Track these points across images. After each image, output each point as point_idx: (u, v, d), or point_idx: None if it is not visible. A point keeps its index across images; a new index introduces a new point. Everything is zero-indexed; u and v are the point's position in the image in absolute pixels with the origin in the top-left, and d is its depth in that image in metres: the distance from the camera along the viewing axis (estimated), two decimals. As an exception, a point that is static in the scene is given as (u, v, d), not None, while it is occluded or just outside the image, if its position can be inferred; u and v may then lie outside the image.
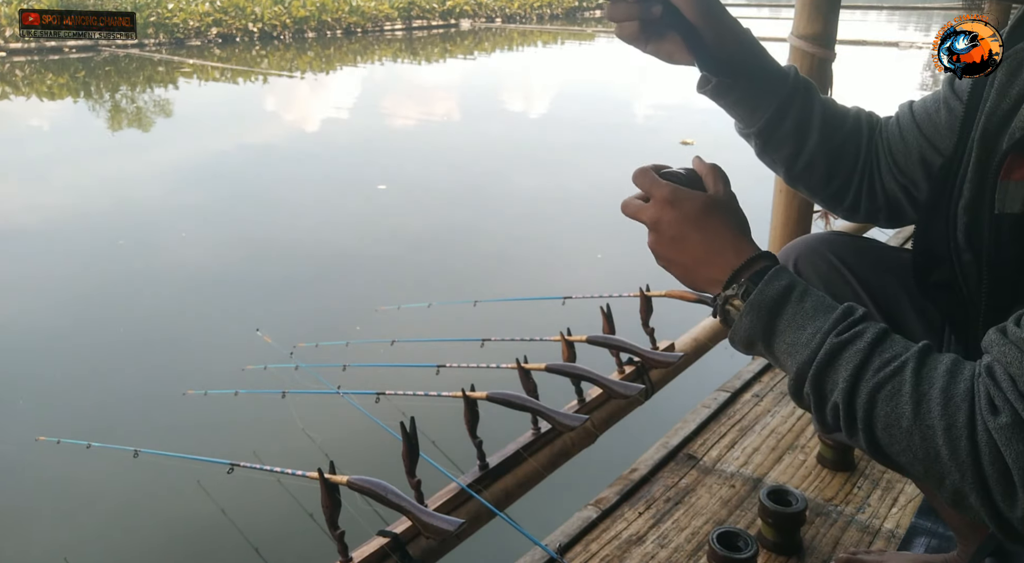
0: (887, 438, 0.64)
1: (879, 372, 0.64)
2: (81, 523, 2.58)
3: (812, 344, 0.68)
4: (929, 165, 0.95)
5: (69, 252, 5.23)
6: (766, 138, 0.97)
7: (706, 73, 0.92)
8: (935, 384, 0.62)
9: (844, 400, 0.66)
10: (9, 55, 14.48)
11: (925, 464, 0.62)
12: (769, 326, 0.70)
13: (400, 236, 5.54)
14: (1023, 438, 0.57)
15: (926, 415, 0.61)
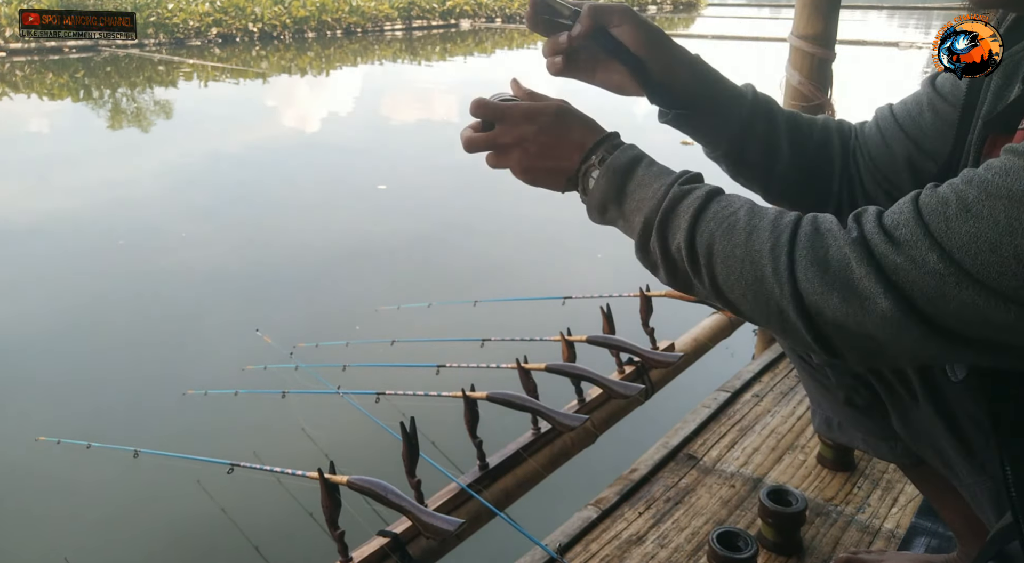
0: (724, 270, 0.68)
1: (718, 213, 0.70)
2: (81, 523, 2.58)
3: (657, 195, 0.73)
4: (916, 168, 0.95)
5: (69, 252, 5.23)
6: (734, 160, 0.97)
7: (656, 105, 0.93)
8: (766, 217, 0.67)
9: (686, 239, 0.70)
10: (9, 55, 14.48)
11: (755, 288, 0.66)
12: (621, 187, 0.76)
13: (400, 236, 5.53)
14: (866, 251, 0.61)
15: (756, 241, 0.66)
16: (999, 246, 0.57)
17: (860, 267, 0.61)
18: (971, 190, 0.59)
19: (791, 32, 2.15)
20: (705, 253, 0.69)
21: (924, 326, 0.60)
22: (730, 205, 0.70)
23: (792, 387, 1.99)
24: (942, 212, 0.60)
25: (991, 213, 0.57)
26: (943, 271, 0.58)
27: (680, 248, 0.71)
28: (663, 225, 0.72)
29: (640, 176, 0.76)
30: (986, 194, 0.58)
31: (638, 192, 0.75)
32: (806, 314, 0.64)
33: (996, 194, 0.57)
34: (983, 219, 0.57)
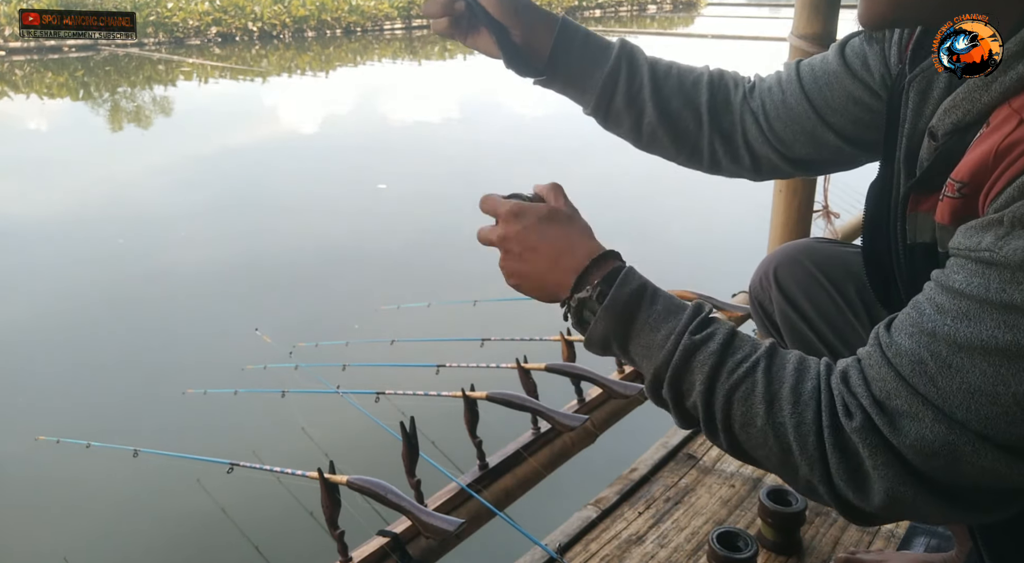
0: (745, 436, 0.66)
1: (733, 373, 0.66)
2: (81, 523, 2.58)
3: (667, 346, 0.69)
4: (817, 138, 0.96)
5: (68, 251, 5.23)
6: (603, 116, 1.00)
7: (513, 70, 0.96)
8: (785, 383, 0.64)
9: (702, 402, 0.67)
10: (9, 54, 14.47)
11: (780, 459, 0.65)
12: (624, 329, 0.71)
13: (400, 236, 5.54)
14: (873, 438, 0.59)
15: (778, 413, 0.64)
16: (997, 396, 0.56)
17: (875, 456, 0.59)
18: (941, 346, 0.58)
19: (791, 32, 2.15)
20: (723, 418, 0.67)
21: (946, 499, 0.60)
22: (745, 361, 0.66)
23: (792, 387, 1.99)
24: (924, 373, 0.59)
25: (974, 366, 0.56)
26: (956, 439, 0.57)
27: (696, 407, 0.68)
28: (675, 381, 0.69)
29: (644, 318, 0.71)
30: (958, 347, 0.57)
31: (643, 337, 0.70)
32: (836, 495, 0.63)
33: (969, 346, 0.56)
34: (968, 373, 0.57)
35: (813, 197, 2.38)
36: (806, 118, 0.95)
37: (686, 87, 0.99)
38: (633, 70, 0.98)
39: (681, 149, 1.02)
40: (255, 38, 17.44)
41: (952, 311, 0.58)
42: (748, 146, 1.00)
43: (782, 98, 0.97)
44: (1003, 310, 0.55)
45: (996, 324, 0.55)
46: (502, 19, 0.92)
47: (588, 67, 0.97)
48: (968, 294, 0.57)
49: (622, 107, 0.98)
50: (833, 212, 2.85)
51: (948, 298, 0.59)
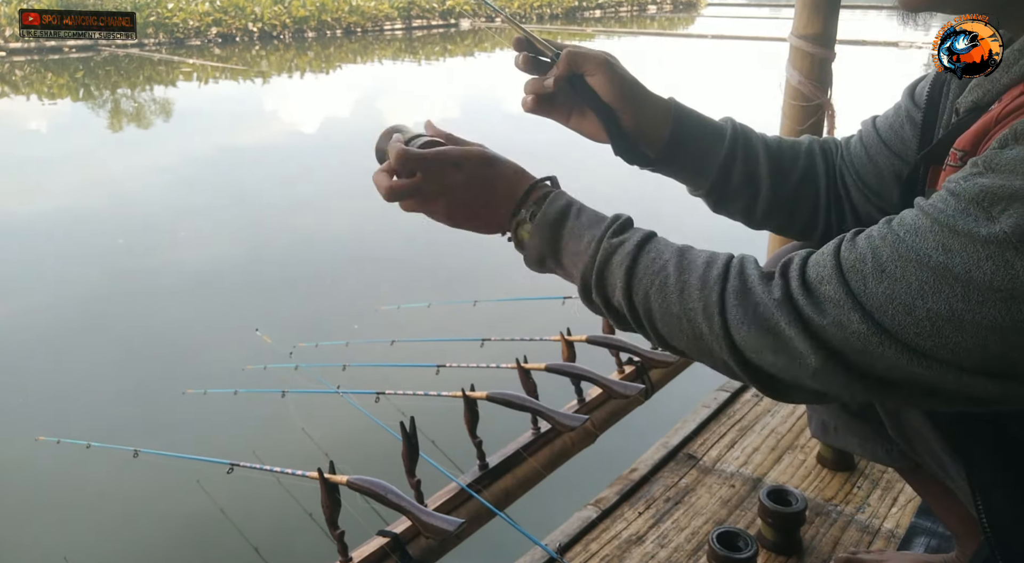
0: (665, 327, 0.71)
1: (648, 268, 0.71)
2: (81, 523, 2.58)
3: (589, 250, 0.74)
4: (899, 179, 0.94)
5: (68, 251, 5.23)
6: (717, 198, 0.98)
7: (621, 158, 0.92)
8: (694, 272, 0.69)
9: (624, 298, 0.72)
10: (9, 55, 14.47)
11: (697, 345, 0.69)
12: (554, 243, 0.77)
13: (400, 236, 5.53)
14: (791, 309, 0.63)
15: (688, 299, 0.68)
16: (913, 308, 0.59)
17: (788, 328, 0.63)
18: (885, 249, 0.61)
19: (791, 32, 2.15)
20: (644, 310, 0.71)
21: (856, 378, 0.63)
22: (659, 257, 0.71)
23: (792, 387, 1.99)
24: (860, 270, 0.61)
25: (903, 275, 0.59)
26: (866, 332, 0.60)
27: (620, 304, 0.73)
28: (600, 282, 0.74)
29: (570, 228, 0.76)
30: (898, 255, 0.60)
31: (570, 245, 0.76)
32: (749, 367, 0.66)
33: (907, 256, 0.60)
34: (897, 280, 0.60)
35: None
36: (890, 164, 0.94)
37: (801, 160, 0.98)
38: (749, 151, 0.96)
39: (795, 222, 1.00)
40: (255, 39, 17.44)
41: (908, 224, 0.61)
42: (853, 208, 0.99)
43: (865, 153, 0.97)
44: (948, 233, 0.58)
45: (936, 244, 0.59)
46: (613, 103, 0.89)
47: (703, 152, 0.95)
48: (925, 212, 0.61)
49: (739, 187, 0.96)
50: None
51: (912, 213, 0.62)
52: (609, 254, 0.73)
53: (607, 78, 0.88)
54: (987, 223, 0.57)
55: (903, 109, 0.94)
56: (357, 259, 5.12)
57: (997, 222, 0.56)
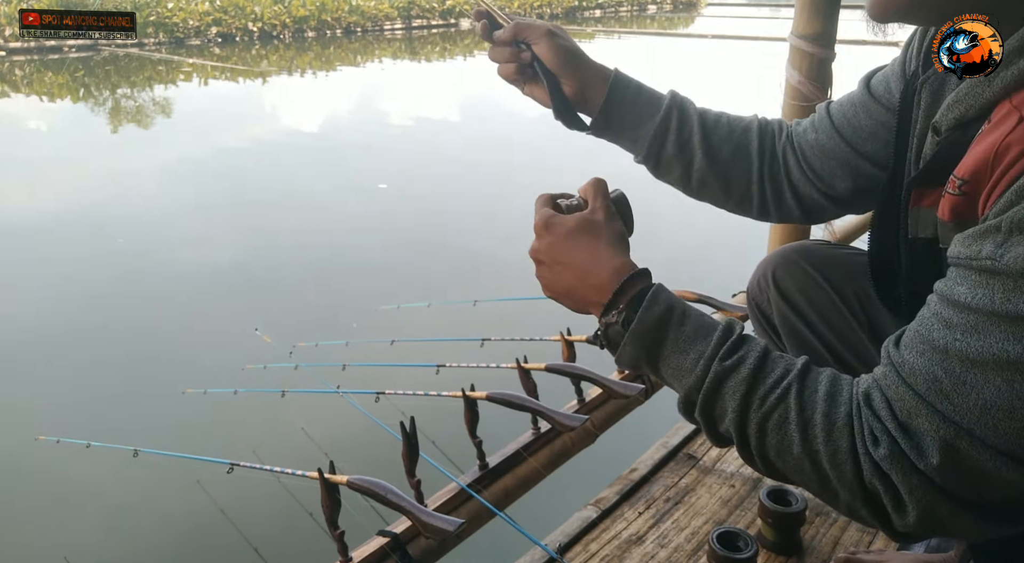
0: (781, 463, 0.66)
1: (765, 400, 0.65)
2: (81, 523, 2.58)
3: (697, 370, 0.68)
4: (852, 168, 0.97)
5: (68, 250, 5.23)
6: (654, 164, 1.02)
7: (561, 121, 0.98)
8: (817, 409, 0.63)
9: (736, 429, 0.67)
10: (9, 54, 14.47)
11: (819, 485, 0.65)
12: (653, 353, 0.70)
13: (400, 235, 5.54)
14: (902, 464, 0.59)
15: (813, 441, 0.63)
16: (1014, 411, 0.55)
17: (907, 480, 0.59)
18: (954, 363, 0.58)
19: (791, 32, 2.15)
20: (757, 445, 0.67)
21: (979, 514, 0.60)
22: (777, 386, 0.65)
23: (792, 387, 1.99)
24: (939, 391, 0.58)
25: (987, 380, 0.56)
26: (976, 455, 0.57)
27: (729, 432, 0.68)
28: (707, 407, 0.69)
29: (672, 340, 0.70)
30: (971, 363, 0.57)
31: (673, 359, 0.70)
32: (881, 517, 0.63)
33: (981, 361, 0.56)
34: (983, 389, 0.56)
35: (813, 197, 2.38)
36: (840, 151, 0.97)
37: (736, 135, 1.02)
38: (683, 119, 0.99)
39: (731, 195, 1.03)
40: (255, 38, 17.44)
41: (960, 325, 0.58)
42: (793, 188, 1.01)
43: (815, 137, 0.99)
44: (1009, 322, 0.55)
45: (1005, 336, 0.55)
46: (556, 70, 0.95)
47: (640, 118, 0.99)
48: (974, 307, 0.57)
49: (673, 155, 1.00)
50: (833, 212, 2.84)
51: (954, 312, 0.58)
52: (721, 379, 0.67)
53: (548, 46, 0.94)
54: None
55: (858, 99, 0.96)
56: (357, 259, 5.12)
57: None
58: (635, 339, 0.70)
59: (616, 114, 0.99)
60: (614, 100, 0.98)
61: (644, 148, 1.00)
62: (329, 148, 8.45)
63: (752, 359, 0.67)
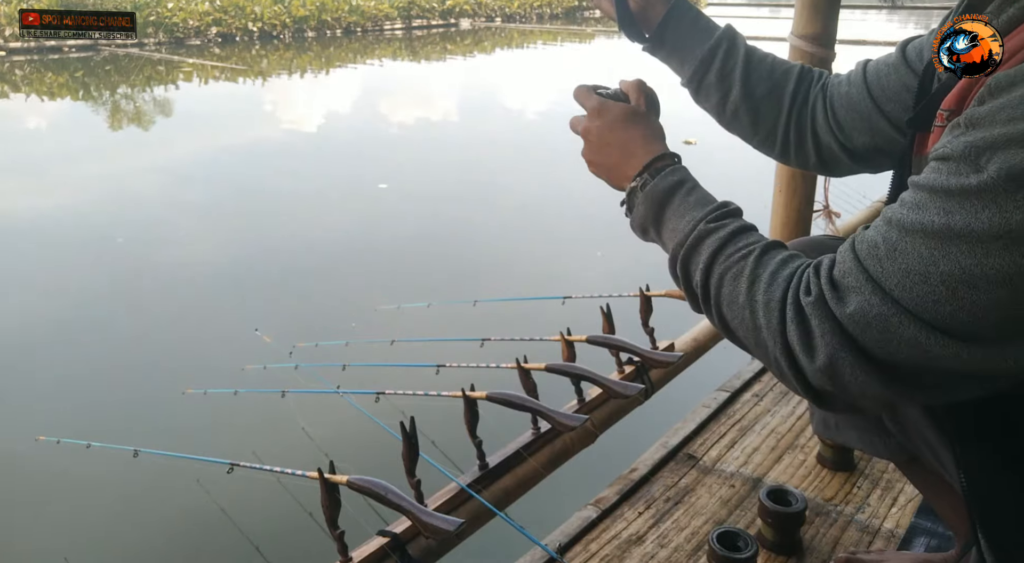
0: (729, 313, 0.74)
1: (731, 257, 0.74)
2: (81, 523, 2.58)
3: (686, 229, 0.78)
4: (872, 125, 1.00)
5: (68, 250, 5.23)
6: (695, 88, 1.10)
7: (625, 34, 1.06)
8: (767, 268, 0.72)
9: (701, 279, 0.76)
10: (9, 55, 14.47)
11: (752, 335, 0.72)
12: (659, 214, 0.82)
13: (400, 235, 5.53)
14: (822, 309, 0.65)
15: (755, 293, 0.71)
16: (927, 276, 0.61)
17: (822, 324, 0.65)
18: (893, 230, 0.64)
19: (791, 32, 2.15)
20: (715, 294, 0.75)
21: (881, 372, 0.64)
22: (744, 248, 0.74)
23: (792, 387, 1.99)
24: (875, 254, 0.64)
25: (913, 247, 0.62)
26: (886, 312, 0.62)
27: (697, 284, 0.77)
28: (686, 260, 0.78)
29: (676, 205, 0.80)
30: (905, 231, 0.63)
31: (672, 221, 0.80)
32: (795, 367, 0.68)
33: (912, 229, 0.62)
34: (908, 254, 0.62)
35: (813, 197, 2.38)
36: (864, 106, 1.00)
37: (776, 75, 1.07)
38: (731, 51, 1.06)
39: (757, 131, 1.09)
40: (255, 38, 17.44)
41: (909, 202, 0.64)
42: (815, 135, 1.05)
43: (847, 90, 1.03)
44: (943, 196, 0.60)
45: (937, 209, 0.61)
46: None
47: (691, 43, 1.06)
48: (922, 185, 0.63)
49: (713, 83, 1.06)
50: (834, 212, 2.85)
51: (909, 193, 0.65)
52: (702, 236, 0.77)
53: None
54: (976, 175, 0.58)
55: (893, 61, 0.99)
56: (357, 259, 5.12)
57: (985, 171, 0.57)
58: (647, 200, 0.82)
59: (671, 35, 1.06)
60: (671, 20, 1.05)
61: (689, 72, 1.07)
62: (329, 148, 8.45)
63: (734, 225, 0.76)
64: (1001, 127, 0.57)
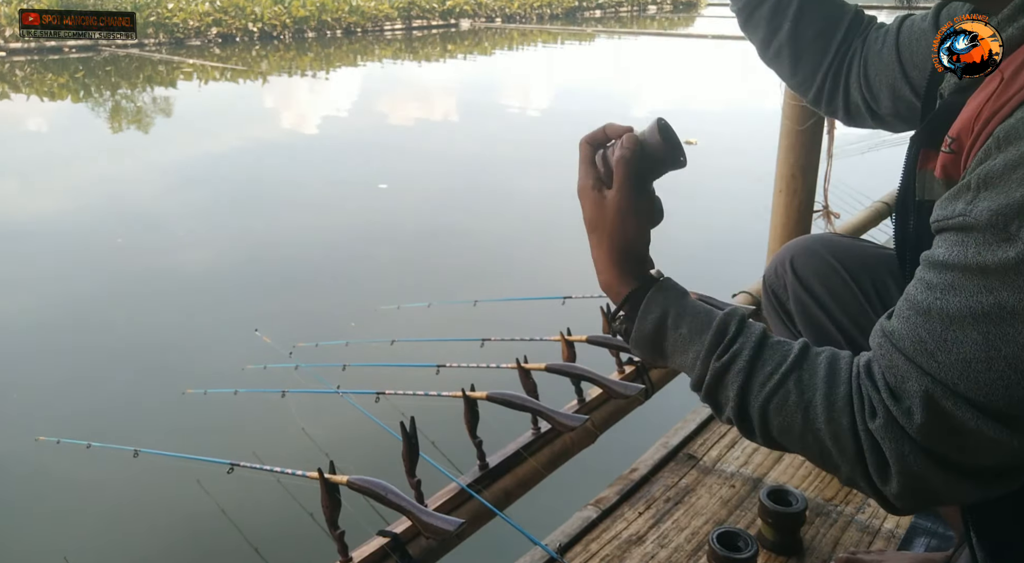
0: (785, 441, 0.69)
1: (764, 386, 0.67)
2: (81, 523, 2.58)
3: (696, 369, 0.72)
4: (896, 90, 0.98)
5: (68, 251, 5.23)
6: (745, 18, 1.07)
7: None
8: (817, 391, 0.65)
9: (737, 417, 0.70)
10: (9, 55, 14.47)
11: (821, 459, 0.67)
12: (658, 353, 0.75)
13: (400, 236, 5.54)
14: (893, 431, 0.60)
15: (814, 421, 0.65)
16: (991, 362, 0.56)
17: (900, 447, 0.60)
18: (935, 322, 0.59)
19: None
20: (760, 428, 0.69)
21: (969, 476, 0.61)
22: (775, 372, 0.67)
23: (792, 387, 1.99)
24: (924, 351, 0.59)
25: (966, 335, 0.57)
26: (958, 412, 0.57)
27: (731, 419, 0.71)
28: (712, 397, 0.72)
29: (672, 343, 0.74)
30: (951, 320, 0.58)
31: (676, 358, 0.74)
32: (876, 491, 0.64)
33: (959, 316, 0.57)
34: (963, 344, 0.57)
35: (813, 197, 2.38)
36: (891, 68, 0.98)
37: (829, 23, 1.03)
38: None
39: (796, 73, 1.06)
40: (255, 39, 17.44)
41: (939, 285, 0.59)
42: (846, 89, 1.03)
43: (879, 48, 1.00)
44: (980, 274, 0.56)
45: (978, 289, 0.56)
46: None
47: None
48: (950, 264, 0.58)
49: (765, 16, 1.04)
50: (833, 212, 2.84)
51: (934, 273, 0.60)
52: (719, 375, 0.70)
53: None
54: (1011, 245, 0.55)
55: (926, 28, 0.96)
56: (357, 259, 5.12)
57: (1019, 240, 0.54)
58: (637, 345, 0.76)
59: None
60: None
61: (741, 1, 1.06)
62: (329, 148, 8.46)
63: (748, 350, 0.69)
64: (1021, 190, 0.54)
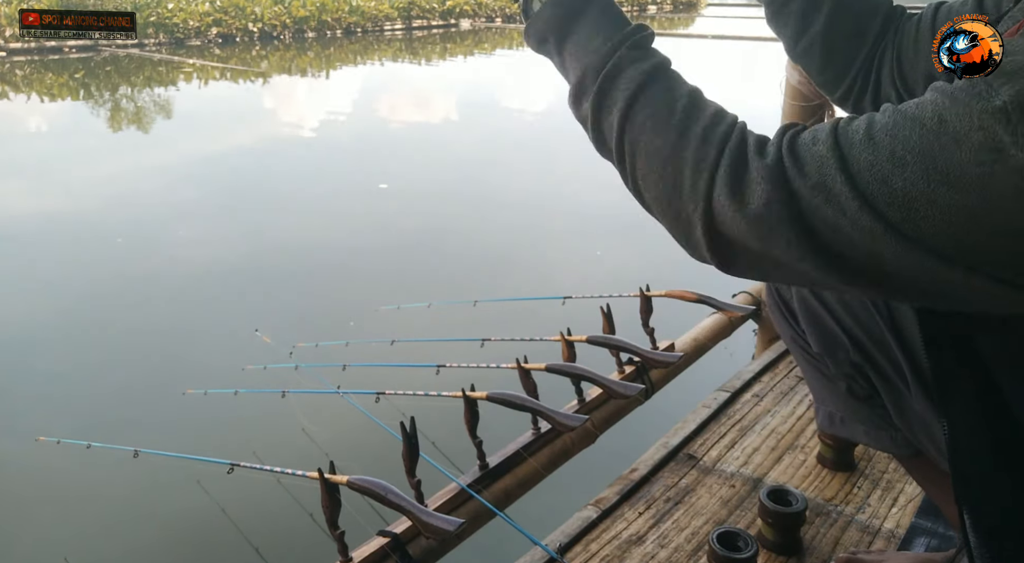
0: (646, 166, 0.65)
1: (656, 97, 0.65)
2: (81, 523, 2.58)
3: (601, 52, 0.67)
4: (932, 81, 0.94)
5: (68, 251, 5.23)
6: (775, 10, 1.01)
7: None
8: (701, 120, 0.63)
9: (620, 119, 0.66)
10: (9, 55, 14.47)
11: (668, 193, 0.64)
12: (566, 24, 0.70)
13: (401, 236, 5.53)
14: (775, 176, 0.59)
15: (683, 146, 0.63)
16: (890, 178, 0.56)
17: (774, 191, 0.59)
18: (883, 119, 0.58)
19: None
20: (632, 138, 0.66)
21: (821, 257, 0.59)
22: (672, 90, 0.65)
23: (792, 387, 1.99)
24: (852, 137, 0.58)
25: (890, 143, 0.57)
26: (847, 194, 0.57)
27: (612, 126, 0.67)
28: (601, 93, 0.67)
29: (590, 18, 0.69)
30: (892, 123, 0.57)
31: (582, 36, 0.69)
32: (712, 232, 0.62)
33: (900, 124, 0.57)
34: (882, 148, 0.57)
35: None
36: (928, 58, 0.93)
37: (864, 18, 0.98)
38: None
39: (825, 70, 1.01)
40: (255, 39, 17.44)
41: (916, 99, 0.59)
42: (877, 85, 0.98)
43: (915, 37, 0.95)
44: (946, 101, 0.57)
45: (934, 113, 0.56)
46: None
47: None
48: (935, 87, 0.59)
49: (796, 13, 0.98)
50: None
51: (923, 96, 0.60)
52: (623, 66, 0.66)
53: None
54: (987, 94, 0.55)
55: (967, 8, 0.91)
56: (357, 259, 5.12)
57: (997, 94, 0.55)
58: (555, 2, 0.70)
59: None
60: None
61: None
62: (329, 148, 8.46)
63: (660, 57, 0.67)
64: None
